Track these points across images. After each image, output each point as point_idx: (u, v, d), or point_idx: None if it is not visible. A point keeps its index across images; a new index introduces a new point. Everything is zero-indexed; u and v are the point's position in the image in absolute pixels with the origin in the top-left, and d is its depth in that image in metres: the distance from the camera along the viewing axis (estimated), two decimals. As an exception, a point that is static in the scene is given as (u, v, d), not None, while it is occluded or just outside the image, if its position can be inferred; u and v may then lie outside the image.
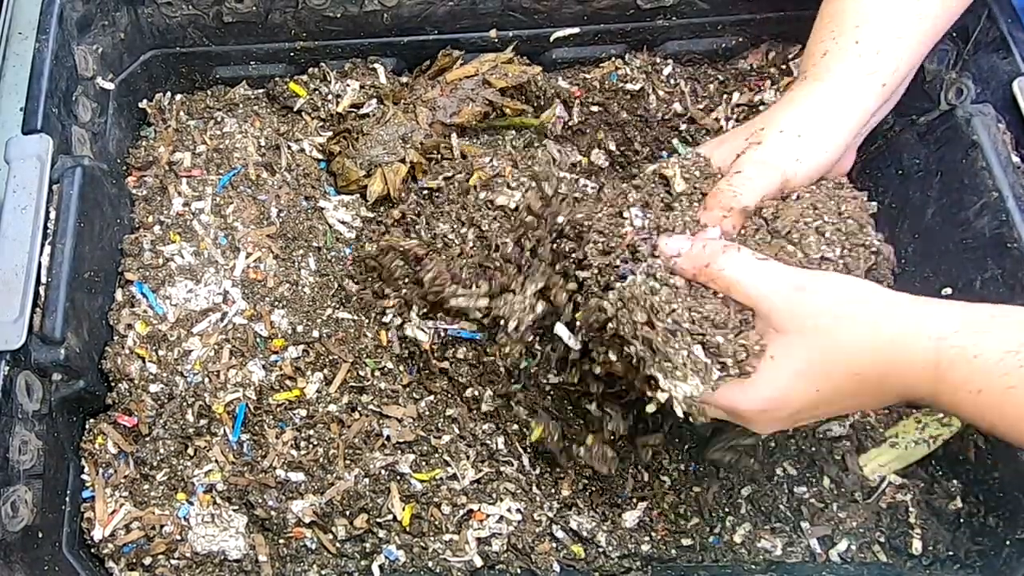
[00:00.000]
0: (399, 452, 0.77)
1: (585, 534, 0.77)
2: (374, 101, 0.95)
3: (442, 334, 0.79)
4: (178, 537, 0.73)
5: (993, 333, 0.49)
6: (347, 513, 0.75)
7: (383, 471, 0.76)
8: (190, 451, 0.76)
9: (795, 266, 0.58)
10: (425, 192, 0.88)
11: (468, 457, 0.78)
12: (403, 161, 0.89)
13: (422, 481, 0.76)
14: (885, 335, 0.51)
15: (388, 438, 0.77)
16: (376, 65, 0.97)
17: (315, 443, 0.76)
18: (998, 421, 0.49)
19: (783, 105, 0.67)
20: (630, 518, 0.78)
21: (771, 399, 0.54)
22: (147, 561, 0.73)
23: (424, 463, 0.77)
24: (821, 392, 0.53)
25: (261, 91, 0.99)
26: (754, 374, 0.55)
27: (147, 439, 0.76)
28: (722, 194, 0.61)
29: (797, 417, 0.56)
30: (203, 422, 0.77)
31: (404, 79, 0.98)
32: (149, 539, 0.73)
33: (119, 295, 0.81)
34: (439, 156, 0.91)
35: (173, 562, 0.73)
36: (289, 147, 0.94)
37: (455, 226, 0.82)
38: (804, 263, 0.59)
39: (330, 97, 0.96)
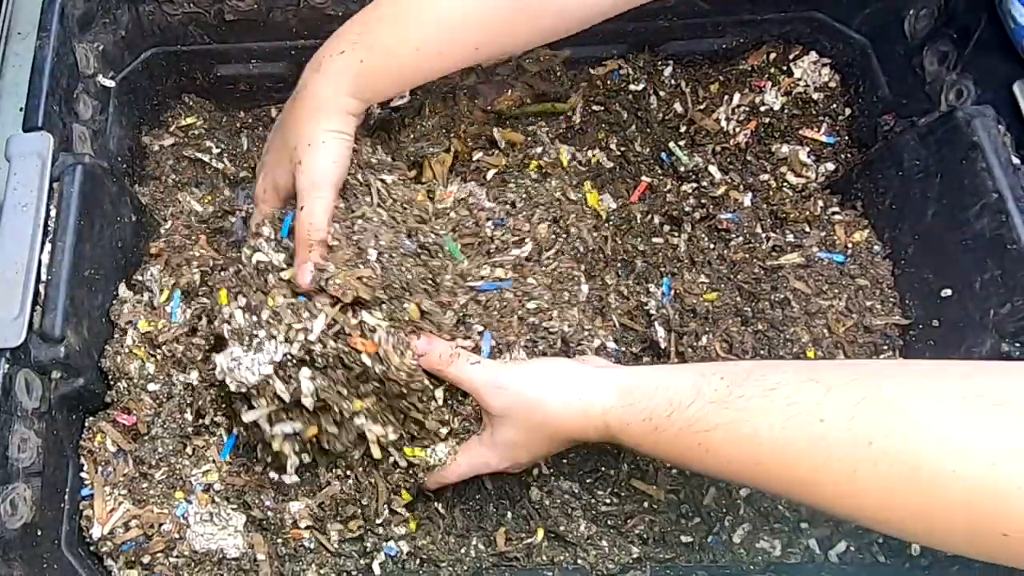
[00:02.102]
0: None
1: (585, 534, 0.77)
2: (407, 93, 0.93)
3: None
4: (176, 535, 0.73)
5: (635, 404, 0.62)
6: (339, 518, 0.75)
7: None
8: (188, 450, 0.76)
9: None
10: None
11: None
12: (448, 151, 0.89)
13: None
14: (567, 413, 0.66)
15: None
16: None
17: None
18: (663, 460, 0.71)
19: (295, 114, 0.74)
20: (630, 518, 0.78)
21: (503, 459, 0.71)
22: (145, 559, 0.73)
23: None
24: (533, 450, 0.70)
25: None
26: (486, 446, 0.72)
27: (146, 438, 0.76)
28: (301, 237, 0.69)
29: (526, 464, 0.73)
30: (201, 422, 0.77)
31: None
32: (148, 537, 0.73)
33: (122, 291, 0.81)
34: (486, 144, 0.91)
35: (171, 560, 0.73)
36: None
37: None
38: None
39: None
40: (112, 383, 0.77)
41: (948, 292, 0.78)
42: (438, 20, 0.70)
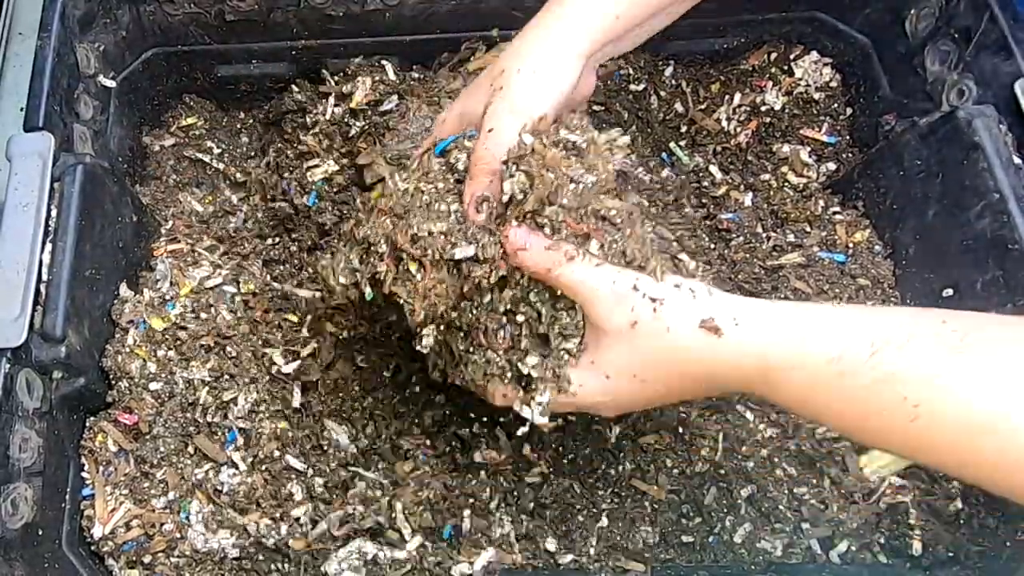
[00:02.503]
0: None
1: (586, 534, 0.77)
2: (395, 97, 0.94)
3: None
4: (178, 535, 0.73)
5: (817, 339, 0.50)
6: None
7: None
8: (190, 449, 0.76)
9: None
10: None
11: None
12: None
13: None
14: (715, 348, 0.53)
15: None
16: (384, 62, 0.96)
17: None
18: (832, 423, 0.53)
19: (517, 41, 0.66)
20: (631, 518, 0.78)
21: (598, 391, 0.58)
22: (147, 559, 0.73)
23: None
24: (648, 390, 0.57)
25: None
26: (592, 369, 0.58)
27: (147, 437, 0.76)
28: (482, 160, 0.61)
29: (632, 406, 0.61)
30: (203, 421, 0.77)
31: (415, 75, 0.98)
32: (149, 537, 0.73)
33: (123, 291, 0.82)
34: None
35: (173, 560, 0.73)
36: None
37: None
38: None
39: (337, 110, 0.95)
40: (113, 383, 0.77)
41: (949, 292, 0.78)
42: None
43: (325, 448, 0.78)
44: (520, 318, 0.60)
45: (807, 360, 0.50)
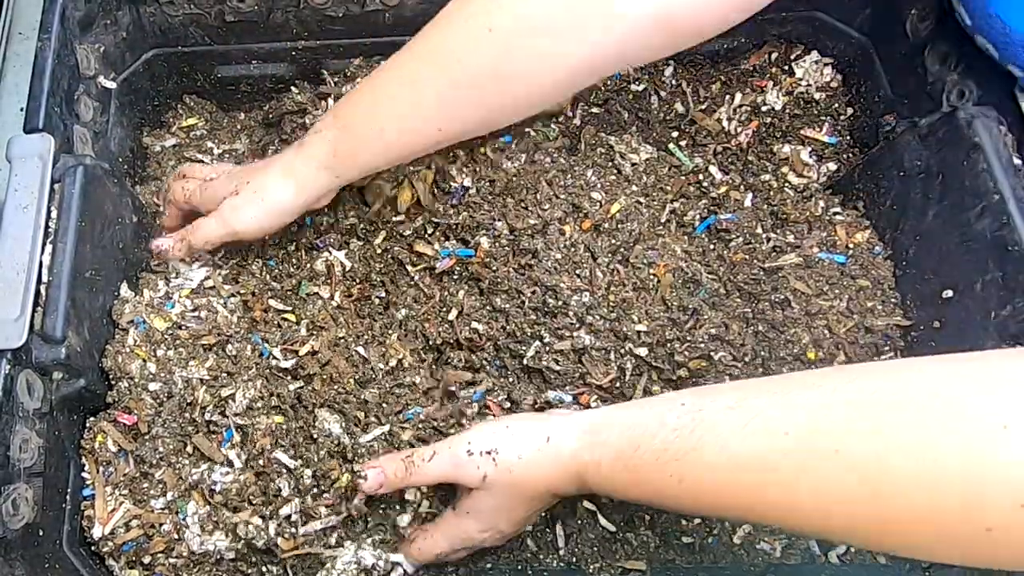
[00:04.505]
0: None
1: (585, 535, 0.77)
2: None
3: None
4: (176, 536, 0.73)
5: (604, 444, 0.60)
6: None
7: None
8: (189, 449, 0.76)
9: None
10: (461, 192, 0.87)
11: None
12: (430, 167, 0.88)
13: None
14: (539, 465, 0.64)
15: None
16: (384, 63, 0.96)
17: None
18: (637, 500, 0.62)
19: (275, 159, 0.81)
20: (630, 519, 0.78)
21: (483, 529, 0.70)
22: (146, 559, 0.73)
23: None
24: (515, 515, 0.68)
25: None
26: (463, 518, 0.70)
27: (147, 437, 0.76)
28: (173, 204, 0.86)
29: (509, 533, 0.71)
30: (201, 420, 0.77)
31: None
32: (148, 537, 0.73)
33: (123, 291, 0.82)
34: (467, 157, 0.90)
35: (172, 560, 0.73)
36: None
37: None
38: None
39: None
40: (113, 383, 0.77)
41: (949, 293, 0.78)
42: (400, 101, 0.73)
43: (316, 438, 0.78)
44: None
45: (602, 458, 0.60)
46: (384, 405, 0.77)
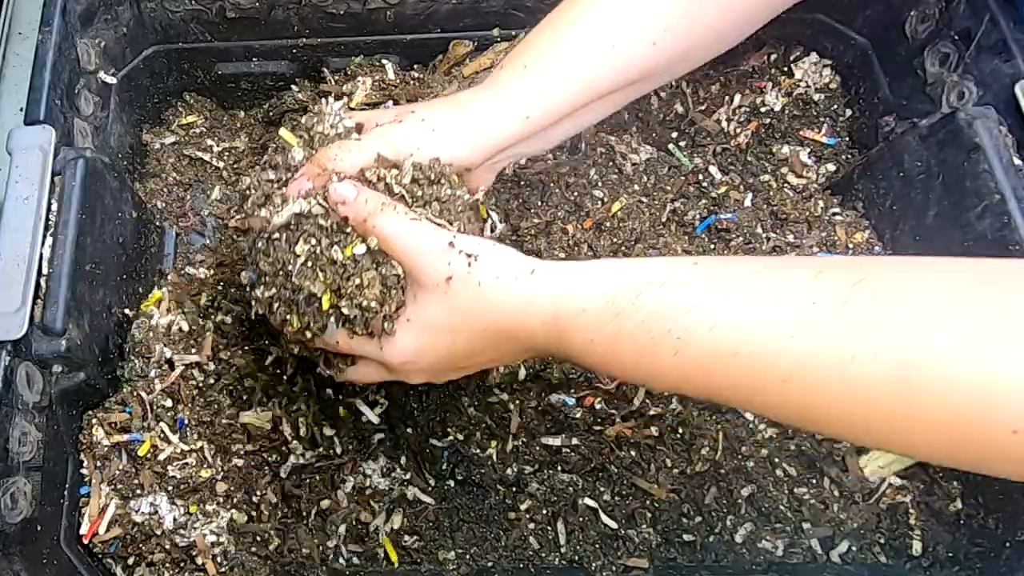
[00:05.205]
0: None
1: (586, 534, 0.77)
2: (390, 102, 0.93)
3: None
4: (166, 531, 0.72)
5: (594, 286, 0.53)
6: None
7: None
8: (182, 447, 0.76)
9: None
10: None
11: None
12: None
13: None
14: (513, 295, 0.55)
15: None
16: (384, 61, 0.96)
17: None
18: (614, 368, 0.55)
19: (443, 99, 0.69)
20: (631, 517, 0.78)
21: (410, 350, 0.59)
22: (139, 555, 0.72)
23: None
24: (456, 345, 0.58)
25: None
26: (407, 327, 0.59)
27: (138, 432, 0.75)
28: (323, 153, 0.63)
29: (438, 368, 0.61)
30: (189, 415, 0.76)
31: (416, 74, 0.97)
32: (143, 534, 0.72)
33: (123, 286, 0.81)
34: None
35: (161, 555, 0.73)
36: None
37: None
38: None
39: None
40: (112, 378, 0.77)
41: (949, 292, 0.78)
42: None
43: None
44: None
45: (588, 304, 0.53)
46: None
